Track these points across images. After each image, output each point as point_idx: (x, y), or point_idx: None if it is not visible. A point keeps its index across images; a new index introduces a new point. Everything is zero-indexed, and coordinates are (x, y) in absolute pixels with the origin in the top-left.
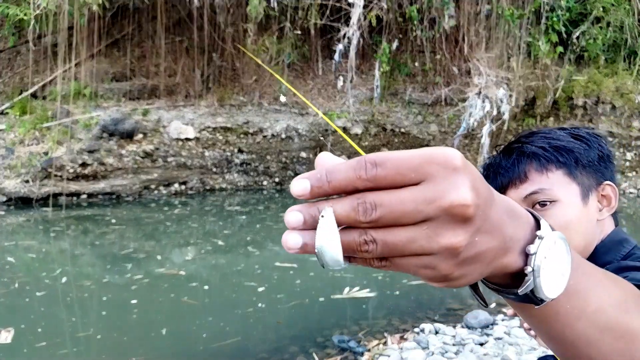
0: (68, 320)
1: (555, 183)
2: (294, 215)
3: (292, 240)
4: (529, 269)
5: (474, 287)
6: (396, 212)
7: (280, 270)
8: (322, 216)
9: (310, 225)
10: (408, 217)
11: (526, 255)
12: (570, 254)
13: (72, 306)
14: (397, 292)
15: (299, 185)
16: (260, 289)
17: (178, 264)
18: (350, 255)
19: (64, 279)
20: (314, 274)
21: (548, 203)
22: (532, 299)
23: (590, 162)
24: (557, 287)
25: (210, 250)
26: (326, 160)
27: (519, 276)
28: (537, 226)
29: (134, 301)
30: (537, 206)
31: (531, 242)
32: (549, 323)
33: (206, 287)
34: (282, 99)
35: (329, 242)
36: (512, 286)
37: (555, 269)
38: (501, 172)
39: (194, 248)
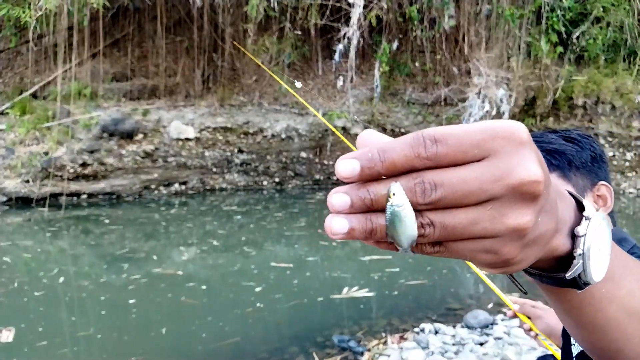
0: (68, 320)
1: None
2: (339, 198)
3: (337, 224)
4: (578, 252)
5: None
6: (459, 193)
7: (277, 271)
8: (394, 194)
9: (359, 209)
10: (471, 197)
11: (573, 238)
12: (611, 235)
13: (71, 306)
14: (396, 292)
15: (347, 165)
16: (258, 289)
17: (176, 264)
18: None
19: (61, 279)
20: (310, 274)
21: None
22: (577, 282)
23: (583, 163)
24: (602, 270)
25: (207, 251)
26: (372, 138)
27: (563, 259)
28: (578, 207)
29: (132, 301)
30: None
31: (577, 223)
32: (583, 308)
33: (204, 287)
34: (298, 84)
35: (408, 219)
36: (556, 270)
37: (600, 251)
38: None
39: (191, 248)
